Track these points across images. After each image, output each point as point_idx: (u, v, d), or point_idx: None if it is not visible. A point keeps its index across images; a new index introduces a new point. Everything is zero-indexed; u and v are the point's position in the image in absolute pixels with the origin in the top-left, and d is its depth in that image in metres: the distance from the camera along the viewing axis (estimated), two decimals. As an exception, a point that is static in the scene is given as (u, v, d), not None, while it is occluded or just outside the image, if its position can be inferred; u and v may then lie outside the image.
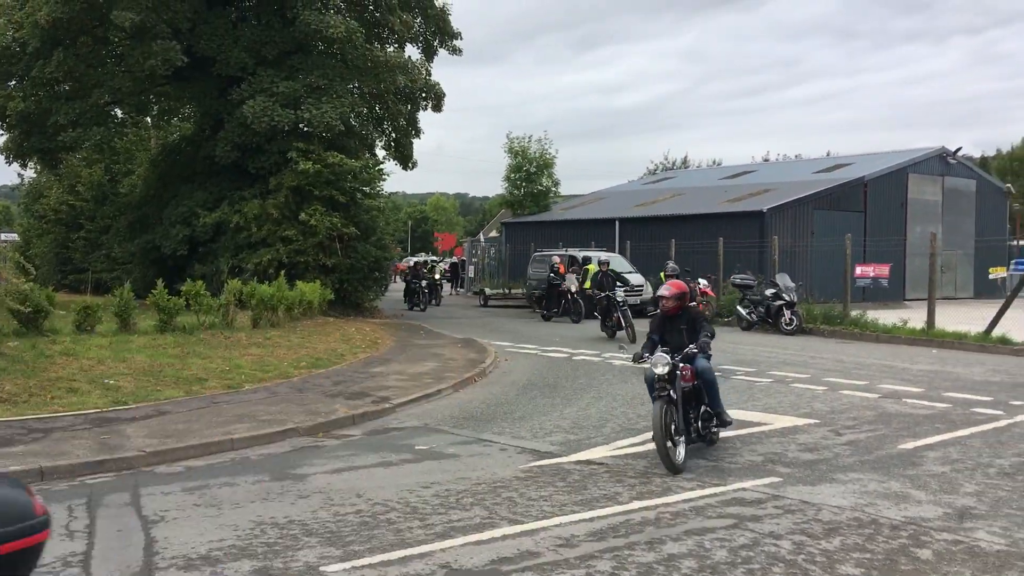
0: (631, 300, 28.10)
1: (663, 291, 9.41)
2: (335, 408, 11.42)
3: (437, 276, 35.42)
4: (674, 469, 8.38)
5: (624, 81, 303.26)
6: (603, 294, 21.84)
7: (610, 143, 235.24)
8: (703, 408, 9.14)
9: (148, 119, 35.01)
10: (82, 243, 37.85)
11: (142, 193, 32.12)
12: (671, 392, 8.62)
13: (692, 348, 8.95)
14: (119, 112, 30.17)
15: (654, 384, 8.77)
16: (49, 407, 10.84)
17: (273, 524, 6.83)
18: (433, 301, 33.15)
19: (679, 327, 9.26)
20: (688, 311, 9.38)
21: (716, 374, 9.39)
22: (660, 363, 8.68)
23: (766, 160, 64.19)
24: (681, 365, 8.83)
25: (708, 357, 9.18)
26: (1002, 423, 10.87)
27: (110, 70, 26.53)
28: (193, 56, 25.93)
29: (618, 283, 22.10)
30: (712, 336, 9.20)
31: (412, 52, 31.02)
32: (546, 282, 29.12)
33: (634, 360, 9.13)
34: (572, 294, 26.24)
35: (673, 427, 8.54)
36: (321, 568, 5.85)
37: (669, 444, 8.40)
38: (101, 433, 9.63)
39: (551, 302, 27.32)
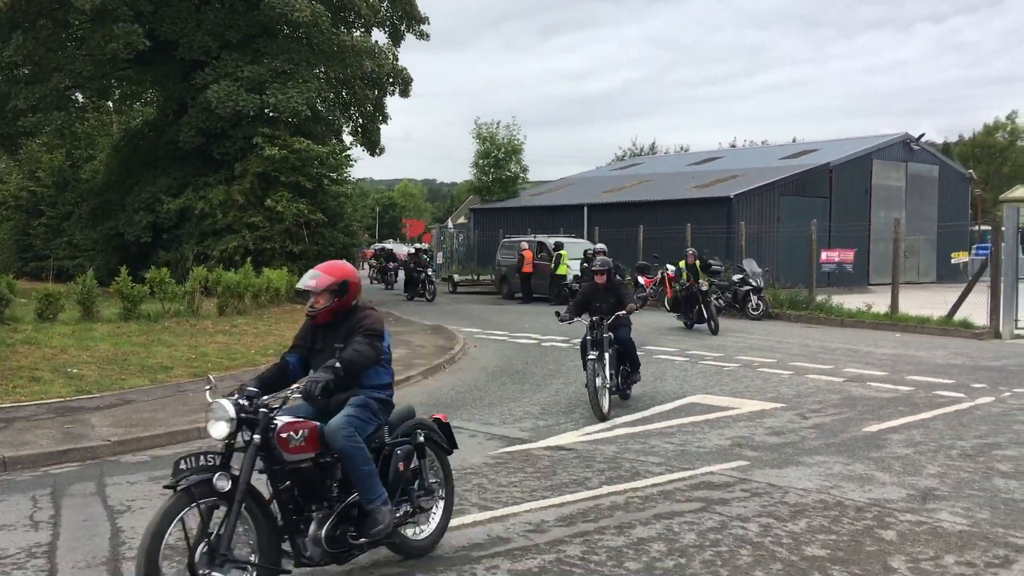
0: None
1: (307, 281, 5.54)
2: (303, 395, 11.34)
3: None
4: None
5: (591, 68, 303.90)
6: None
7: (578, 129, 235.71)
8: (346, 501, 5.23)
9: (110, 104, 34.52)
10: (43, 230, 37.28)
11: (104, 179, 31.69)
12: (218, 478, 4.63)
13: (296, 389, 5.14)
14: (80, 96, 29.71)
15: (197, 459, 4.74)
16: (11, 396, 10.66)
17: (241, 513, 6.77)
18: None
19: (332, 345, 5.43)
20: (353, 315, 5.54)
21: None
22: (217, 416, 4.85)
23: (733, 146, 64.61)
24: (284, 421, 5.03)
25: (359, 412, 5.28)
26: (964, 406, 11.06)
27: (70, 54, 26.09)
28: (155, 39, 25.56)
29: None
30: (347, 365, 5.17)
31: (379, 37, 30.88)
32: (514, 268, 29.03)
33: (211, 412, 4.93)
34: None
35: (201, 551, 4.57)
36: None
37: None
38: (65, 422, 9.50)
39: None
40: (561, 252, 26.61)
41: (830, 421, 10.12)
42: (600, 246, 23.00)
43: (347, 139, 31.24)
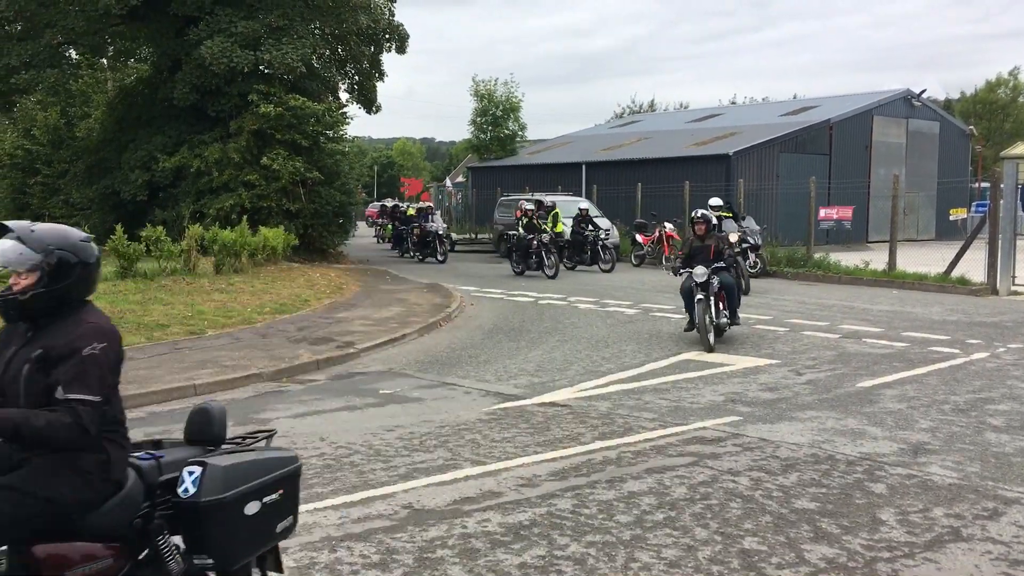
0: None
1: None
2: (299, 353, 11.37)
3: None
4: None
5: (593, 24, 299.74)
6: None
7: (580, 87, 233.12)
8: None
9: (104, 60, 34.15)
10: (39, 188, 37.07)
11: (99, 137, 31.45)
12: None
13: None
14: (74, 53, 29.33)
15: None
16: (7, 354, 10.67)
17: (236, 468, 6.80)
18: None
19: None
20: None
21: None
22: None
23: (733, 103, 64.16)
24: None
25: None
26: (958, 361, 11.08)
27: (63, 9, 25.70)
28: (148, -6, 25.20)
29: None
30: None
31: (374, -9, 30.37)
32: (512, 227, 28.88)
33: None
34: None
35: None
36: (284, 510, 5.84)
37: None
38: (60, 380, 9.51)
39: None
40: (556, 211, 26.50)
41: (824, 377, 10.15)
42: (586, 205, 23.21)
43: (343, 96, 30.99)
